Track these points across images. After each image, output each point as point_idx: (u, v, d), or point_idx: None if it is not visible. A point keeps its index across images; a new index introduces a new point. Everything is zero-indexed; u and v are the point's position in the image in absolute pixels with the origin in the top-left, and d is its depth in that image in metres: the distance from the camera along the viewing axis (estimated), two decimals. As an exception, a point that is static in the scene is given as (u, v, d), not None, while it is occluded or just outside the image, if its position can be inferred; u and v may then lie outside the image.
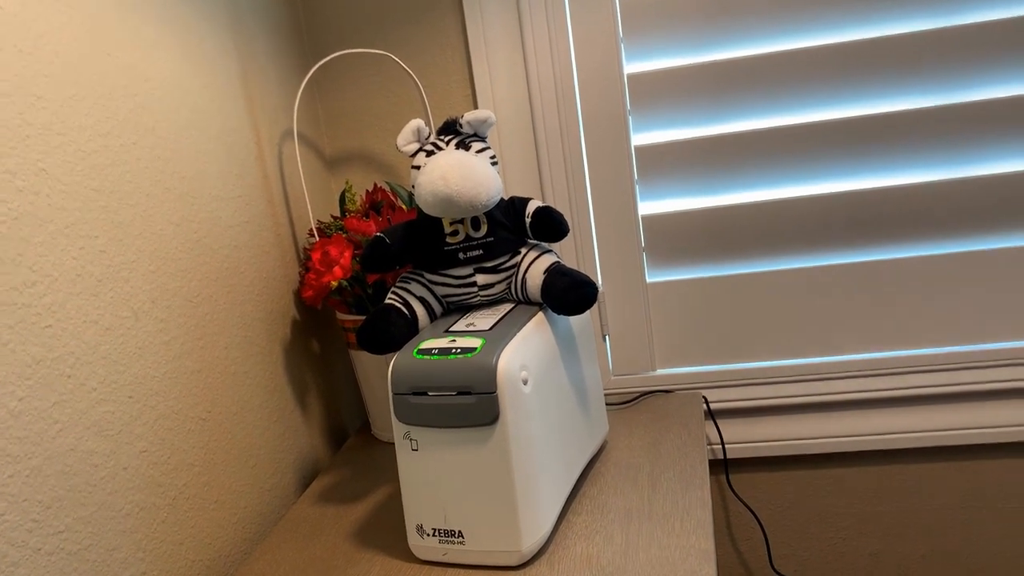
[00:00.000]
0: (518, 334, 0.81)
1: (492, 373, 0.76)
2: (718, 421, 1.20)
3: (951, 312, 1.14)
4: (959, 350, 1.13)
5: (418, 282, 0.89)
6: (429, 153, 0.86)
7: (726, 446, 1.19)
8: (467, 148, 0.86)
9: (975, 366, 1.13)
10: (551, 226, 0.87)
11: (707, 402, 1.17)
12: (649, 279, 1.19)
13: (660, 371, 1.22)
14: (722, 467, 1.22)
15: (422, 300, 0.88)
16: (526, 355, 0.79)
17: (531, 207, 0.88)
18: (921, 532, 1.21)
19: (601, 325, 1.21)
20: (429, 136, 0.88)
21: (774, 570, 1.26)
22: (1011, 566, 1.20)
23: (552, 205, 1.13)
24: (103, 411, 0.75)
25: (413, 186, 0.85)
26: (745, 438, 1.20)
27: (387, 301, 0.88)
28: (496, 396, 0.76)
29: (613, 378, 1.22)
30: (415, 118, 0.89)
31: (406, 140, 0.88)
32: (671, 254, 1.18)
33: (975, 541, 1.21)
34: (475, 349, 0.78)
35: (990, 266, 1.11)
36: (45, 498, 0.68)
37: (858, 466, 1.20)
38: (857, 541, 1.24)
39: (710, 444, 1.19)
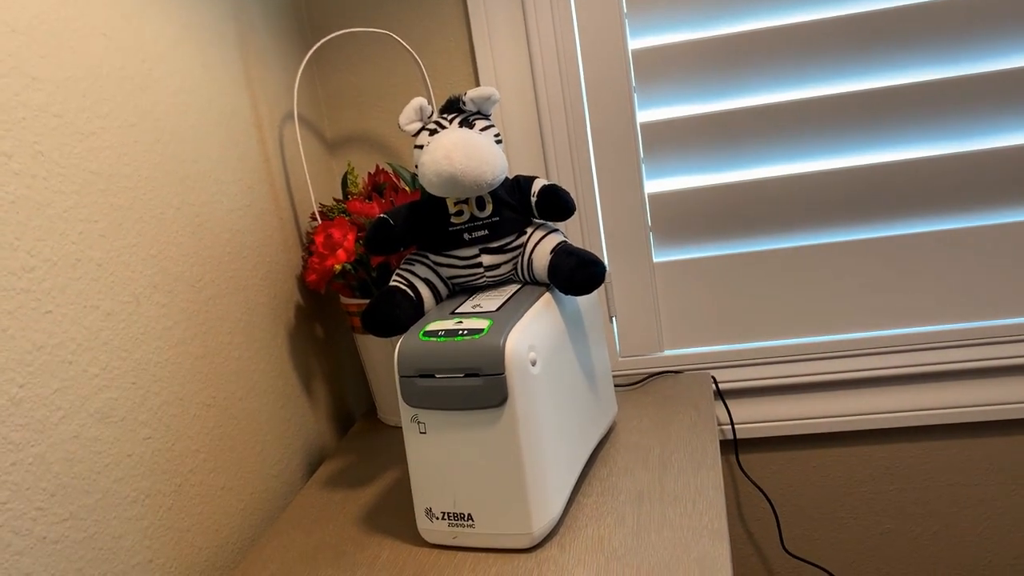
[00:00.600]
0: (525, 315, 0.79)
1: (500, 354, 0.74)
2: (727, 401, 1.19)
3: (963, 288, 1.12)
4: (972, 326, 1.12)
5: (423, 263, 0.88)
6: (432, 132, 0.84)
7: (736, 426, 1.18)
8: (471, 126, 0.84)
9: (988, 342, 1.12)
10: (558, 204, 0.86)
11: (716, 382, 1.16)
12: (656, 259, 1.18)
13: (668, 352, 1.21)
14: (732, 447, 1.21)
15: (427, 281, 0.87)
16: (534, 336, 0.78)
17: (537, 185, 0.87)
18: (933, 510, 1.21)
19: (608, 306, 1.19)
20: (431, 115, 0.87)
21: (785, 550, 1.26)
22: (1024, 543, 1.20)
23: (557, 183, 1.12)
24: (106, 398, 0.74)
25: (416, 166, 0.84)
26: (755, 418, 1.19)
27: (391, 283, 0.86)
28: (504, 377, 0.74)
29: (621, 359, 1.21)
30: (417, 97, 0.87)
31: (408, 119, 0.86)
32: (678, 233, 1.17)
33: (988, 519, 1.20)
34: (482, 330, 0.77)
35: (1004, 240, 1.10)
36: (49, 486, 0.67)
37: (869, 445, 1.19)
38: (869, 520, 1.23)
39: (719, 424, 1.18)
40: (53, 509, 0.67)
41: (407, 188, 1.08)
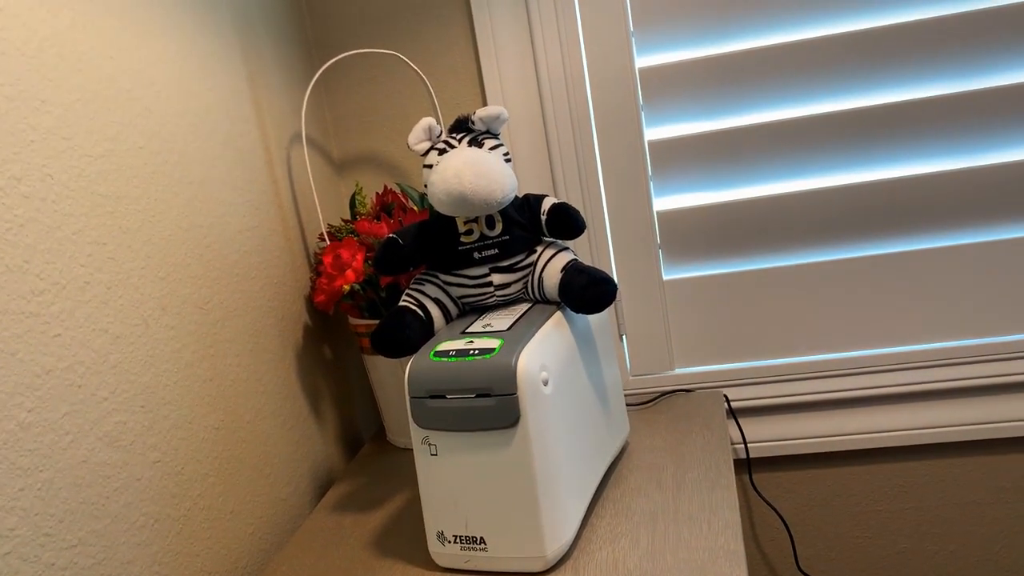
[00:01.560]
0: (537, 334, 0.79)
1: (512, 374, 0.74)
2: (740, 420, 1.18)
3: (978, 303, 1.11)
4: (987, 342, 1.11)
5: (432, 283, 0.88)
6: (441, 151, 0.84)
7: (748, 445, 1.17)
8: (480, 145, 0.84)
9: (1004, 358, 1.11)
10: (567, 223, 0.85)
11: (728, 400, 1.15)
12: (666, 276, 1.17)
13: (679, 370, 1.20)
14: (745, 467, 1.19)
15: (437, 301, 0.86)
16: (546, 355, 0.77)
17: (546, 204, 0.86)
18: (950, 529, 1.19)
19: (618, 324, 1.19)
20: (440, 134, 0.86)
21: (801, 571, 1.24)
22: (1043, 562, 1.18)
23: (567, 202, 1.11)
24: (115, 421, 0.73)
25: (426, 185, 0.83)
26: (767, 437, 1.17)
27: (401, 303, 0.86)
28: (516, 397, 0.74)
29: (631, 378, 1.20)
30: (425, 116, 0.87)
31: (417, 139, 0.86)
32: (688, 250, 1.16)
33: (1007, 537, 1.18)
34: (493, 350, 0.76)
35: (1018, 255, 1.09)
36: (57, 511, 0.66)
37: (884, 463, 1.18)
38: (884, 539, 1.21)
39: (732, 443, 1.17)
40: (61, 535, 0.66)
41: (415, 208, 1.08)
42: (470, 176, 0.78)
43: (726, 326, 1.17)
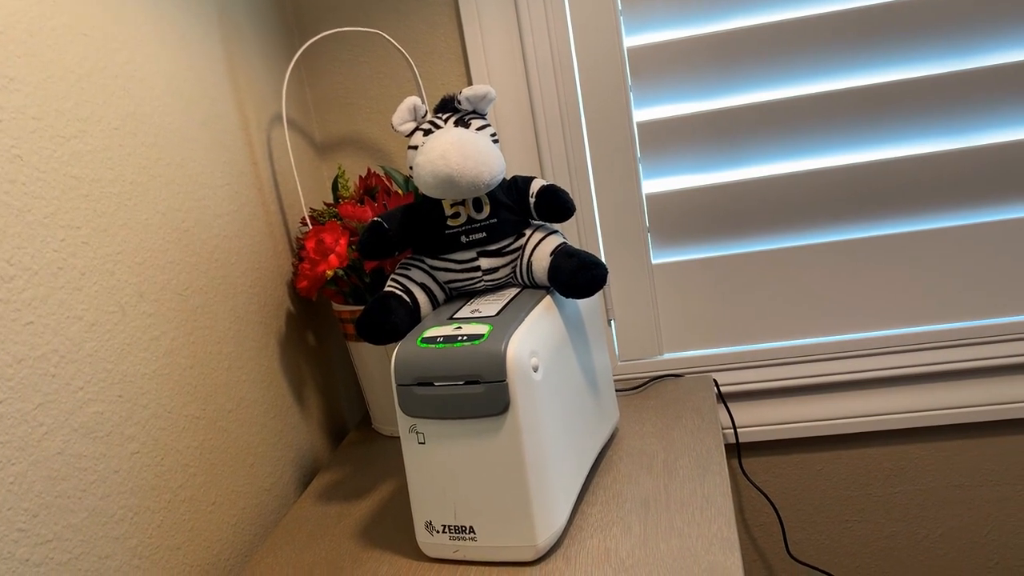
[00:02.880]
0: (526, 319, 0.77)
1: (501, 360, 0.72)
2: (729, 404, 1.17)
3: (967, 286, 1.10)
4: (976, 324, 1.10)
5: (419, 268, 0.85)
6: (427, 132, 0.82)
7: (738, 430, 1.16)
8: (466, 126, 0.81)
9: (992, 340, 1.10)
10: (557, 205, 0.83)
11: (718, 385, 1.14)
12: (654, 260, 1.16)
13: (668, 355, 1.18)
14: (734, 451, 1.18)
15: (423, 286, 0.84)
16: (535, 341, 0.76)
17: (535, 186, 0.84)
18: (940, 512, 1.19)
19: (606, 309, 1.17)
20: (426, 115, 0.84)
21: (791, 555, 1.23)
22: (1032, 544, 1.18)
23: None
24: (91, 412, 0.71)
25: (411, 167, 0.81)
26: (757, 421, 1.16)
27: (387, 288, 0.84)
28: (506, 384, 0.72)
29: (620, 364, 1.18)
30: (410, 96, 0.85)
31: (402, 119, 0.83)
32: (677, 234, 1.15)
33: (996, 519, 1.18)
34: (482, 336, 0.74)
35: (1009, 237, 1.08)
36: (31, 506, 0.64)
37: (873, 446, 1.17)
38: (874, 523, 1.21)
39: (721, 428, 1.16)
40: (36, 530, 0.64)
41: (400, 191, 1.05)
42: (457, 157, 0.76)
43: (715, 310, 1.16)
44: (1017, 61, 1.02)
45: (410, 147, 0.82)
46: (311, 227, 1.01)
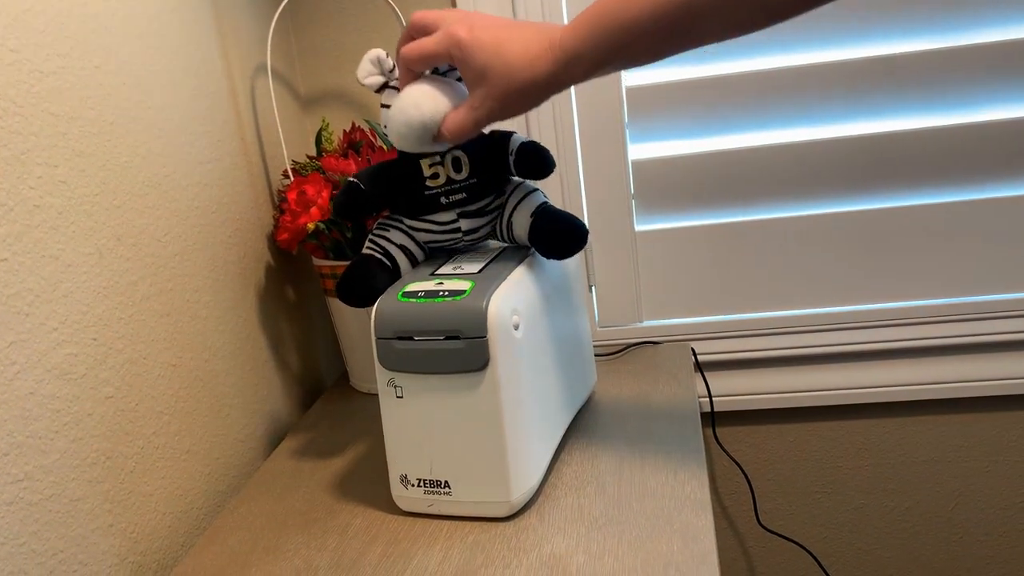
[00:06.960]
0: (509, 277, 0.76)
1: (483, 317, 0.71)
2: (706, 373, 1.17)
3: (942, 264, 1.11)
4: (950, 302, 1.11)
5: (398, 229, 0.83)
6: (399, 89, 0.79)
7: (713, 399, 1.17)
8: (444, 76, 0.79)
9: (965, 318, 1.11)
10: (536, 163, 0.81)
11: (695, 354, 1.14)
12: (638, 227, 1.15)
13: (647, 322, 1.19)
14: (709, 420, 1.19)
15: (403, 248, 0.82)
16: (517, 299, 0.75)
17: (515, 143, 0.82)
18: (907, 486, 1.20)
19: (587, 275, 1.17)
20: (393, 69, 0.81)
21: (760, 524, 1.25)
22: (998, 520, 1.20)
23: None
24: (65, 353, 0.70)
25: (385, 126, 0.79)
26: (732, 391, 1.17)
27: (365, 251, 0.82)
28: (486, 341, 0.72)
29: (599, 329, 1.19)
30: (374, 48, 0.80)
31: (366, 72, 0.78)
32: (661, 201, 1.14)
33: (962, 494, 1.20)
34: (464, 292, 0.73)
35: (982, 217, 1.09)
36: (2, 445, 0.63)
37: (845, 420, 1.19)
38: (842, 495, 1.22)
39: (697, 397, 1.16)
40: (7, 469, 0.63)
41: (384, 147, 1.04)
42: (430, 105, 0.74)
43: (695, 279, 1.16)
44: (1007, 40, 1.03)
45: (383, 105, 0.79)
46: (293, 179, 1.00)
